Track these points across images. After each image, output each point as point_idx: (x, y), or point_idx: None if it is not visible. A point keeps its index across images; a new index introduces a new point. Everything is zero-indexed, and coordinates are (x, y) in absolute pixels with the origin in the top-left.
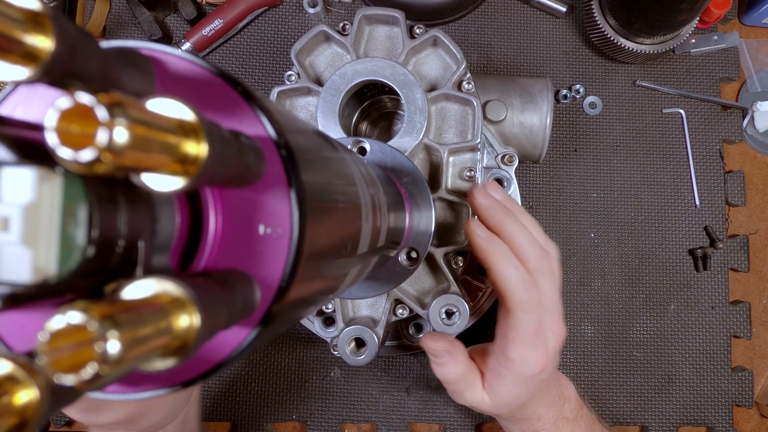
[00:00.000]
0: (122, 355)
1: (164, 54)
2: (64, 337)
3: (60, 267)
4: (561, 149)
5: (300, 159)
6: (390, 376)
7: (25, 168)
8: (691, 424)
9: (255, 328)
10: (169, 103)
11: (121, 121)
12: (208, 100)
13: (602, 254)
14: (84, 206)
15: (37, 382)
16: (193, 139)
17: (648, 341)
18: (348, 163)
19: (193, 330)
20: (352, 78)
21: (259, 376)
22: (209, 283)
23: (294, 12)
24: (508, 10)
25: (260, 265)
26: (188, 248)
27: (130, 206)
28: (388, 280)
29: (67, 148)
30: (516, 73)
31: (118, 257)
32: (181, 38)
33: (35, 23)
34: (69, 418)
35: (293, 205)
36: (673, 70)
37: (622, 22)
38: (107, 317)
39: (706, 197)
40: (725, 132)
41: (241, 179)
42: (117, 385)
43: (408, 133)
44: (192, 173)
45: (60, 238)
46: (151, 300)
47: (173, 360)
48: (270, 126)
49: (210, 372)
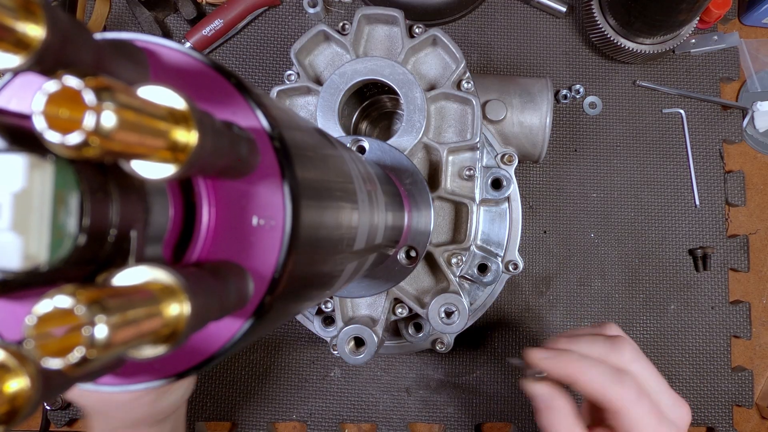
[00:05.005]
0: (109, 339)
1: (158, 46)
2: (52, 321)
3: (51, 255)
4: (561, 149)
5: (294, 151)
6: (390, 376)
7: (16, 155)
8: (691, 424)
9: (248, 320)
10: (160, 91)
11: (108, 105)
12: (202, 92)
13: (602, 254)
14: (75, 194)
15: (27, 370)
16: (183, 126)
17: (648, 341)
18: (345, 160)
19: (183, 318)
20: (351, 77)
21: (259, 376)
22: (201, 274)
23: (294, 12)
24: (508, 10)
25: (253, 257)
26: (182, 239)
27: (122, 196)
28: (387, 279)
29: (55, 131)
30: (516, 73)
31: (110, 246)
32: (181, 38)
33: (27, 11)
34: (69, 418)
35: (286, 196)
36: (673, 70)
37: (622, 22)
38: (95, 302)
39: (706, 197)
40: (725, 132)
41: (234, 170)
42: (111, 377)
43: (407, 132)
44: (182, 161)
45: (51, 226)
46: (142, 287)
47: (163, 348)
48: (263, 118)
49: (204, 363)
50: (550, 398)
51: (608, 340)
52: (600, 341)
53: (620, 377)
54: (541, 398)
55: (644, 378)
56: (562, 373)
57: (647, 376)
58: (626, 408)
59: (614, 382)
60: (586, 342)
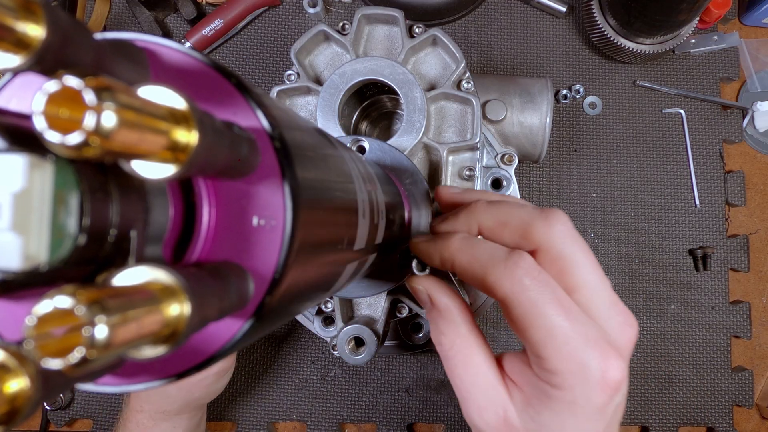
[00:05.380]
0: (109, 340)
1: (158, 46)
2: (52, 322)
3: (51, 255)
4: (561, 149)
5: (294, 151)
6: (390, 376)
7: (15, 155)
8: (691, 424)
9: (248, 320)
10: (161, 91)
11: (109, 105)
12: (202, 92)
13: (602, 254)
14: (75, 194)
15: (27, 370)
16: (183, 126)
17: (648, 341)
18: (345, 160)
19: (184, 319)
20: (351, 77)
21: (259, 376)
22: (202, 274)
23: (294, 12)
24: (508, 10)
25: (254, 257)
26: (182, 239)
27: (122, 195)
28: (387, 279)
29: (55, 131)
30: (516, 73)
31: (110, 246)
32: (181, 38)
33: (27, 11)
34: (69, 418)
35: (287, 196)
36: (673, 70)
37: (622, 22)
38: (95, 302)
39: (706, 197)
40: (725, 132)
41: (234, 170)
42: (111, 377)
43: (407, 132)
44: (183, 161)
45: (51, 226)
46: (142, 287)
47: (163, 348)
48: (264, 118)
49: (204, 363)
50: (435, 295)
51: (536, 208)
52: (518, 206)
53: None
54: (422, 298)
55: (577, 267)
56: (440, 254)
57: (583, 265)
58: (583, 261)
59: (521, 267)
60: (500, 207)
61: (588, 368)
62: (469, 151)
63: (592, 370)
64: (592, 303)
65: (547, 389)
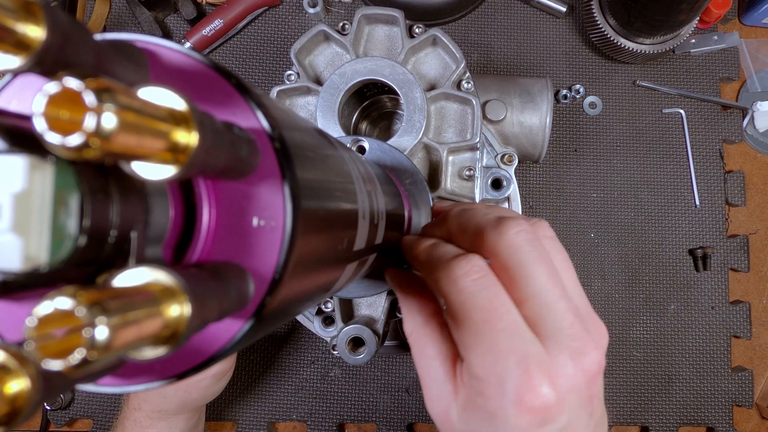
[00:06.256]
0: (110, 341)
1: (158, 46)
2: (53, 323)
3: (51, 256)
4: (561, 149)
5: (294, 151)
6: (390, 376)
7: (16, 156)
8: (691, 424)
9: (248, 321)
10: (161, 92)
11: (109, 106)
12: (202, 93)
13: (602, 254)
14: (76, 195)
15: (27, 371)
16: (183, 127)
17: (648, 341)
18: (345, 160)
19: (184, 319)
20: (351, 77)
21: (259, 376)
22: (202, 274)
23: (294, 12)
24: (508, 10)
25: (254, 258)
26: (182, 240)
27: (122, 197)
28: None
29: (56, 133)
30: (516, 73)
31: (110, 247)
32: (181, 38)
33: (27, 12)
34: (69, 418)
35: (286, 197)
36: (673, 70)
37: (622, 22)
38: (96, 303)
39: (706, 197)
40: (725, 132)
41: (234, 171)
42: (111, 377)
43: (407, 132)
44: (183, 162)
45: (51, 227)
46: (142, 288)
47: (164, 349)
48: (264, 118)
49: (204, 364)
50: (396, 286)
51: (499, 217)
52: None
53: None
54: (396, 287)
55: (525, 278)
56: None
57: (532, 277)
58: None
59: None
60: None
61: (504, 383)
62: (469, 151)
63: (507, 388)
64: (541, 318)
65: (473, 394)
